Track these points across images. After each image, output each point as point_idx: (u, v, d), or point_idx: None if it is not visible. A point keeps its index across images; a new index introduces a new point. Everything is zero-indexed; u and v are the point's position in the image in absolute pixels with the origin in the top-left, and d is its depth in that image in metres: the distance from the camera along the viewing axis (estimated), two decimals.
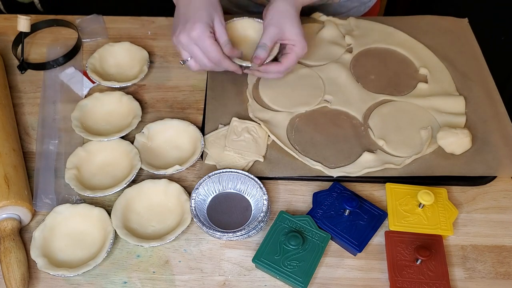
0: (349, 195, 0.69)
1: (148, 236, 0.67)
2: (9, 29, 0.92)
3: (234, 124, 0.77)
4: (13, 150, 0.72)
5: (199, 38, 0.71)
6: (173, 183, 0.70)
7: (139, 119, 0.77)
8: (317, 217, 0.67)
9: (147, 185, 0.70)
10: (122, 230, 0.65)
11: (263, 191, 0.68)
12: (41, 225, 0.66)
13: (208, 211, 0.69)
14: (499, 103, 0.81)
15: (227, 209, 0.69)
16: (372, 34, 0.91)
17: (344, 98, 0.82)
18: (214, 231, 0.65)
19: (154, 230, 0.68)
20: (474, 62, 0.87)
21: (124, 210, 0.68)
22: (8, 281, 0.61)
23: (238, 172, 0.70)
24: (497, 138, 0.76)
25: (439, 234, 0.66)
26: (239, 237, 0.65)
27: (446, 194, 0.69)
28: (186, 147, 0.76)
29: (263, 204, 0.67)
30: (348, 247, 0.65)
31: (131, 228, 0.67)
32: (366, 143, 0.76)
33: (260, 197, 0.68)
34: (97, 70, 0.85)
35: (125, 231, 0.65)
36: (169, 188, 0.70)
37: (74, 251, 0.66)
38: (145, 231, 0.68)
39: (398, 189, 0.70)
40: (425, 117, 0.79)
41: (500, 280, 0.64)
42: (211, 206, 0.70)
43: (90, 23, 0.93)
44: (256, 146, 0.75)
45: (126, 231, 0.66)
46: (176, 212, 0.69)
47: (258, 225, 0.66)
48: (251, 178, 0.69)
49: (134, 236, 0.65)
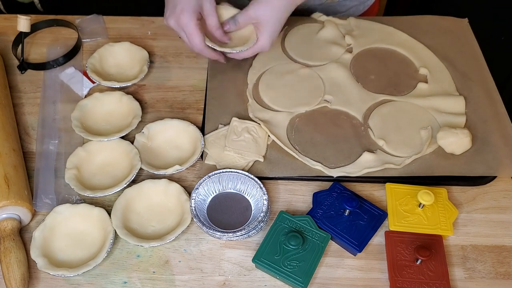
0: (349, 195, 0.69)
1: (148, 236, 0.67)
2: (9, 29, 0.92)
3: (234, 124, 0.77)
4: (13, 150, 0.72)
5: (185, 25, 0.74)
6: (173, 183, 0.70)
7: (139, 119, 0.77)
8: (317, 217, 0.67)
9: (147, 185, 0.70)
10: (122, 230, 0.65)
11: (263, 191, 0.68)
12: (41, 225, 0.66)
13: (208, 211, 0.69)
14: (499, 103, 0.81)
15: (227, 209, 0.69)
16: (372, 34, 0.91)
17: (344, 98, 0.81)
18: (214, 231, 0.65)
19: (154, 230, 0.68)
20: (474, 62, 0.87)
21: (124, 210, 0.68)
22: (8, 281, 0.61)
23: (238, 172, 0.70)
24: (497, 138, 0.76)
25: (439, 234, 0.66)
26: (239, 237, 0.65)
27: (446, 194, 0.69)
28: (186, 147, 0.76)
29: (263, 204, 0.67)
30: (348, 247, 0.65)
31: (131, 228, 0.67)
32: (366, 143, 0.76)
33: (260, 197, 0.68)
34: (97, 70, 0.85)
35: (125, 231, 0.65)
36: (169, 188, 0.70)
37: (74, 251, 0.66)
38: (145, 231, 0.68)
39: (398, 189, 0.70)
40: (425, 117, 0.79)
41: (500, 280, 0.64)
42: (211, 206, 0.69)
43: (90, 23, 0.93)
44: (256, 146, 0.75)
45: (126, 231, 0.66)
46: (176, 212, 0.69)
47: (258, 225, 0.66)
48: (251, 178, 0.69)
49: (134, 236, 0.65)
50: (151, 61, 0.88)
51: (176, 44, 0.91)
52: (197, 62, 0.89)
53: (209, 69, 0.85)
